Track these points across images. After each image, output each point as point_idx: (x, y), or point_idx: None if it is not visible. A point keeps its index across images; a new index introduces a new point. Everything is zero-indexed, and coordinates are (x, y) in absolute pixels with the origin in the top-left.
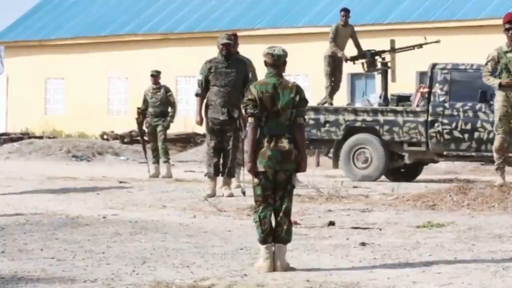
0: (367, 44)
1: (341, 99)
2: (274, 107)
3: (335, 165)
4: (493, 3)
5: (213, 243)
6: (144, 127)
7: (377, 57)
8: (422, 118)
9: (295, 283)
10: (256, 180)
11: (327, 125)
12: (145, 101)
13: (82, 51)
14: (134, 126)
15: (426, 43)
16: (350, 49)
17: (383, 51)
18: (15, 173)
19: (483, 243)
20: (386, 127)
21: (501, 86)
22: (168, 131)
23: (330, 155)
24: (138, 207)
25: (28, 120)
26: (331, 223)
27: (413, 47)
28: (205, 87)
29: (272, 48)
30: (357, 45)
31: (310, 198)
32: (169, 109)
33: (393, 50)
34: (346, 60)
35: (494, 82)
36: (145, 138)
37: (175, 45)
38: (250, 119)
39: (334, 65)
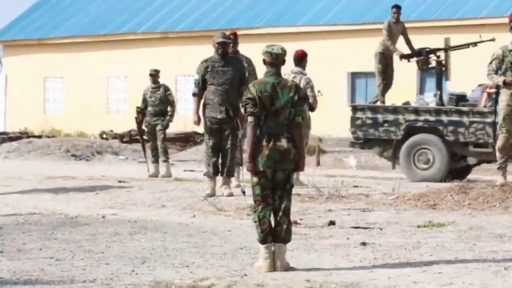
0: (364, 44)
1: (341, 98)
2: (273, 107)
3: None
4: (494, 1)
5: (213, 242)
6: (143, 126)
7: (431, 55)
8: (489, 119)
9: (295, 283)
10: (255, 180)
11: (386, 124)
12: (144, 100)
13: (81, 50)
14: (133, 125)
15: (481, 41)
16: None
17: (438, 49)
18: (14, 172)
19: (484, 243)
20: (450, 128)
21: (505, 84)
22: (168, 130)
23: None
24: (137, 206)
25: (27, 119)
26: (332, 223)
27: (468, 45)
28: (202, 86)
29: (270, 46)
30: (408, 42)
31: (310, 198)
32: (168, 108)
33: (448, 48)
34: (401, 58)
35: (498, 79)
36: (145, 137)
37: (174, 44)
38: (250, 118)
39: (386, 62)
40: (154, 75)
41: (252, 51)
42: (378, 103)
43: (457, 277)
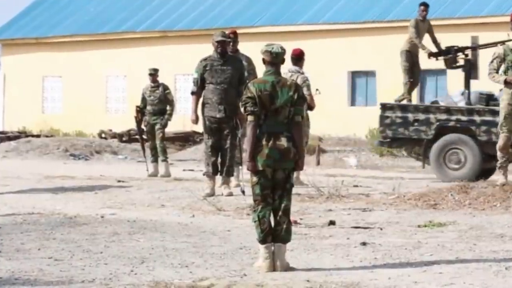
0: (364, 42)
1: (341, 97)
2: (273, 106)
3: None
4: (494, 0)
5: (212, 242)
6: (142, 126)
7: (459, 54)
8: None
9: (295, 283)
10: (254, 179)
11: (416, 123)
12: (143, 99)
13: (79, 49)
14: (132, 125)
15: (510, 40)
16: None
17: (467, 47)
18: (12, 172)
19: (485, 243)
20: (483, 128)
21: (506, 83)
22: (167, 130)
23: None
24: (136, 206)
25: (26, 119)
26: (332, 223)
27: (496, 43)
28: (200, 85)
29: (270, 45)
30: (435, 40)
31: (310, 197)
32: (167, 107)
33: (476, 46)
34: (429, 56)
35: (499, 79)
36: (144, 136)
37: (174, 43)
38: (250, 117)
39: (412, 60)
40: (153, 74)
41: (251, 50)
42: (405, 102)
43: (457, 277)
